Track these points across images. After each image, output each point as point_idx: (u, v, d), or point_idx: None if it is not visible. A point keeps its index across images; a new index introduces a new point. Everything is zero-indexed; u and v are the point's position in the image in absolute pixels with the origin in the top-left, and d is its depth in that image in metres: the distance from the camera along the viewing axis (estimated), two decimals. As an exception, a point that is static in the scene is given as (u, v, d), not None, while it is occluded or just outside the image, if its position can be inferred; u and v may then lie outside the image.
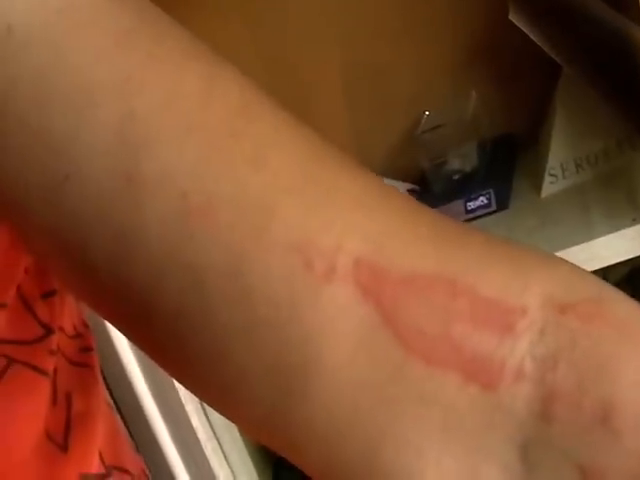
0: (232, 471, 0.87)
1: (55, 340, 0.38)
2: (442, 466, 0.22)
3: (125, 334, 0.27)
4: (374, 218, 0.23)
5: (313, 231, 0.22)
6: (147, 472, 0.53)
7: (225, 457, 0.87)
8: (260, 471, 0.97)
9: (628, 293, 0.22)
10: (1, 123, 0.23)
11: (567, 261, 0.23)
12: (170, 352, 0.25)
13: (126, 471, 0.46)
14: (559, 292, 0.22)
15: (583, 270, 0.23)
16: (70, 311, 0.41)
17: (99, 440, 0.42)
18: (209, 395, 0.26)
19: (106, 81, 0.23)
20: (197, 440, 0.85)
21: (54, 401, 0.38)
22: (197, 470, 0.86)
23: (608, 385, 0.20)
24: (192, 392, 0.27)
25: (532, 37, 0.78)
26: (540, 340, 0.21)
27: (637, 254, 0.76)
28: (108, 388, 0.84)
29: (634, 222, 0.76)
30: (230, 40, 0.99)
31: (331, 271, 0.22)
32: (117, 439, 0.46)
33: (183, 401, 0.85)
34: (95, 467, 0.41)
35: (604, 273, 0.88)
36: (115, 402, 0.85)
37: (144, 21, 0.24)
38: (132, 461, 0.49)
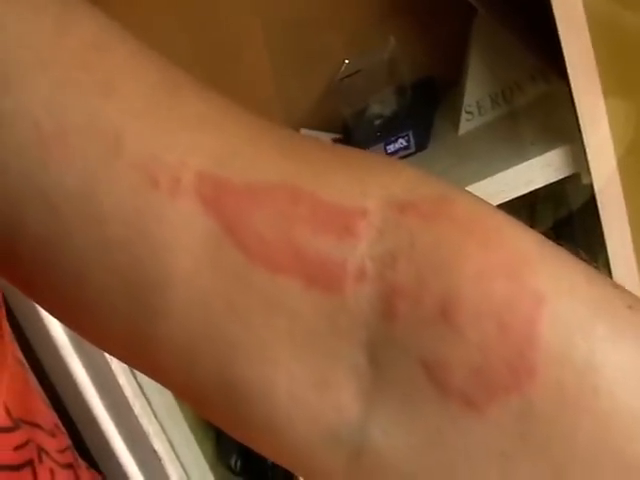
0: (162, 426, 0.87)
1: None
2: (293, 374, 0.22)
3: None
4: (218, 135, 0.23)
5: (158, 150, 0.22)
6: (61, 427, 0.53)
7: (154, 413, 0.86)
8: (194, 425, 0.97)
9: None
10: None
11: (410, 165, 0.23)
12: (35, 281, 0.25)
13: (36, 425, 0.46)
14: (400, 193, 0.22)
15: (428, 173, 0.23)
16: None
17: (4, 393, 0.41)
18: (75, 320, 0.26)
19: None
20: (125, 398, 0.84)
21: None
22: (127, 428, 0.85)
23: (448, 279, 0.20)
24: (61, 320, 0.27)
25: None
26: (379, 240, 0.21)
27: (549, 181, 0.76)
28: (33, 352, 0.83)
29: (547, 150, 0.76)
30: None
31: (175, 186, 0.22)
32: (27, 395, 0.46)
33: (109, 360, 0.84)
34: (1, 419, 0.40)
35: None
36: (41, 365, 0.84)
37: None
38: (44, 416, 0.48)
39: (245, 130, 0.24)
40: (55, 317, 0.27)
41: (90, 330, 0.25)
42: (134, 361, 0.25)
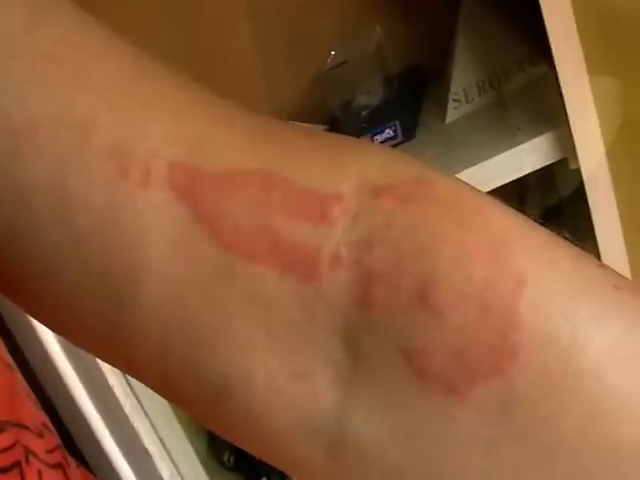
0: (152, 425, 0.86)
1: None
2: (270, 364, 0.21)
3: None
4: (192, 124, 0.23)
5: (129, 141, 0.22)
6: (50, 426, 0.52)
7: (145, 412, 0.86)
8: (185, 422, 0.96)
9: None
10: None
11: (389, 148, 0.23)
12: (9, 275, 0.24)
13: (24, 426, 0.45)
14: (376, 176, 0.21)
15: (405, 155, 0.22)
16: None
17: None
18: (50, 315, 0.25)
19: None
20: (115, 398, 0.83)
21: None
22: (118, 427, 0.85)
23: (426, 262, 0.20)
24: (36, 316, 0.26)
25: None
26: (354, 225, 0.20)
27: (537, 167, 0.76)
28: (21, 353, 0.83)
29: (535, 136, 0.76)
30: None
31: (146, 177, 0.22)
32: (12, 395, 0.45)
33: (99, 360, 0.83)
34: None
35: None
36: (27, 363, 0.83)
37: None
38: (31, 416, 0.48)
39: (219, 117, 0.23)
40: (30, 314, 0.26)
41: (65, 325, 0.25)
42: (110, 356, 0.25)
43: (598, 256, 0.76)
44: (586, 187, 0.72)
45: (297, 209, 0.21)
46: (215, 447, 1.09)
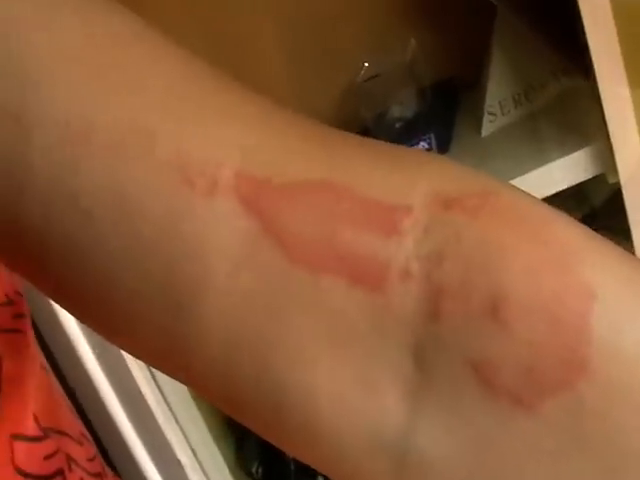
0: (185, 434, 0.86)
1: None
2: (335, 376, 0.21)
3: (23, 276, 0.27)
4: (252, 130, 0.22)
5: (192, 148, 0.22)
6: (87, 435, 0.52)
7: (177, 422, 0.86)
8: (217, 433, 0.96)
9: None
10: None
11: (451, 160, 0.22)
12: (66, 286, 0.24)
13: (65, 434, 0.45)
14: (444, 188, 0.21)
15: (470, 167, 0.22)
16: (1, 279, 0.40)
17: (32, 402, 0.41)
18: (106, 327, 0.25)
19: None
20: (147, 407, 0.83)
21: None
22: (150, 437, 0.85)
23: (496, 275, 0.20)
24: (94, 328, 0.26)
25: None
26: (425, 237, 0.20)
27: (574, 182, 0.75)
28: (52, 357, 0.83)
29: (572, 150, 0.75)
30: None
31: (211, 186, 0.21)
32: (54, 402, 0.46)
33: (131, 368, 0.83)
34: (30, 429, 0.40)
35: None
36: (60, 371, 0.84)
37: None
38: (70, 424, 0.48)
39: (280, 125, 0.23)
40: (86, 324, 0.26)
41: (122, 334, 0.25)
42: (166, 366, 0.25)
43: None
44: (626, 203, 0.71)
45: (365, 220, 0.21)
46: (243, 458, 1.09)
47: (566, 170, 0.75)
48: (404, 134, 0.92)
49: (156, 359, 0.25)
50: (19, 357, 0.41)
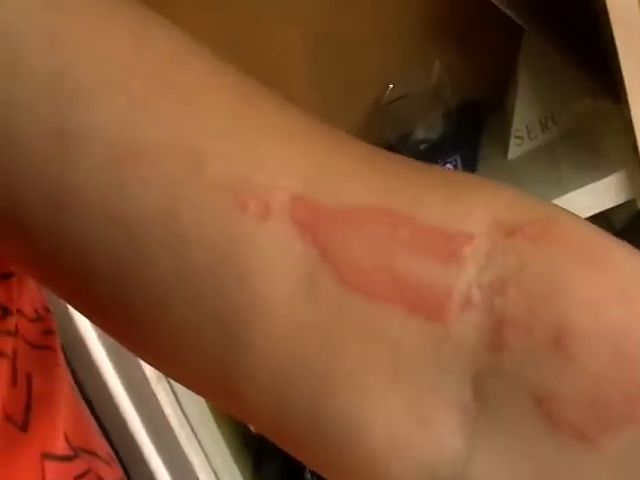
0: (206, 456, 0.85)
1: (13, 322, 0.37)
2: (391, 406, 0.20)
3: (65, 298, 0.26)
4: (306, 154, 0.22)
5: (246, 170, 0.21)
6: (113, 455, 0.52)
7: (199, 443, 0.85)
8: (237, 454, 0.96)
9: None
10: None
11: (508, 186, 0.22)
12: (110, 311, 0.24)
13: (94, 454, 0.45)
14: (504, 215, 0.20)
15: (527, 193, 0.22)
16: (30, 295, 0.40)
17: (62, 421, 0.41)
18: (153, 353, 0.25)
19: (33, 38, 0.22)
20: (170, 428, 0.83)
21: (14, 383, 0.37)
22: (172, 458, 0.84)
23: (560, 306, 0.19)
24: (135, 352, 0.26)
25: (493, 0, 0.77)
26: (487, 266, 0.20)
27: (604, 208, 0.75)
28: (75, 377, 0.83)
29: (601, 175, 0.75)
30: (192, 11, 0.97)
31: (266, 210, 0.21)
32: (83, 422, 0.45)
33: (155, 391, 0.83)
34: (60, 448, 0.40)
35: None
36: (83, 390, 0.83)
37: None
38: (98, 444, 0.48)
39: (333, 147, 0.23)
40: (129, 348, 0.25)
41: (170, 363, 0.24)
42: (217, 396, 0.24)
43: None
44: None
45: (423, 247, 0.20)
46: (261, 478, 1.08)
47: (595, 196, 0.75)
48: (429, 156, 0.92)
49: (205, 387, 0.24)
50: (49, 375, 0.40)
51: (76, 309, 0.26)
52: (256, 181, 0.21)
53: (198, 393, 0.25)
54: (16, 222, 0.23)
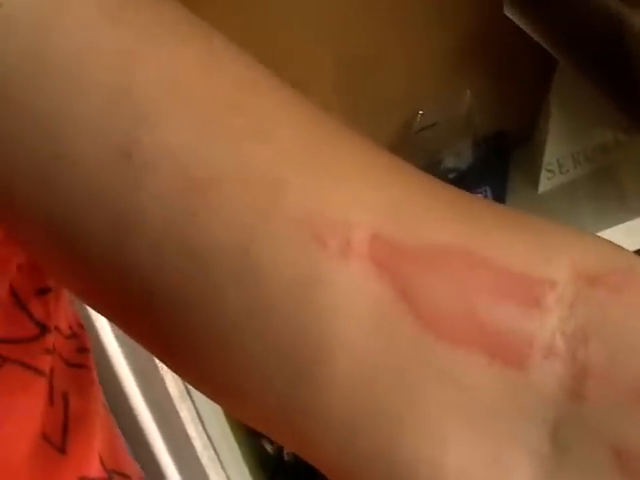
0: (228, 478, 0.85)
1: (51, 339, 0.36)
2: (465, 454, 0.20)
3: (122, 327, 0.25)
4: (385, 190, 0.21)
5: (323, 205, 0.21)
6: (144, 477, 0.52)
7: (222, 466, 0.85)
8: (255, 474, 0.96)
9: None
10: None
11: (592, 234, 0.22)
12: (173, 343, 0.23)
13: (127, 476, 0.45)
14: (586, 263, 0.20)
15: (608, 240, 0.22)
16: (65, 310, 0.40)
17: (98, 442, 0.40)
18: (214, 387, 0.24)
19: (100, 55, 0.21)
20: (193, 449, 0.83)
21: (50, 402, 0.37)
22: (191, 475, 0.84)
23: None
24: (195, 385, 0.25)
25: (526, 30, 0.78)
26: (570, 314, 0.20)
27: (636, 248, 0.75)
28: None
29: (635, 214, 0.75)
30: (220, 32, 0.97)
31: (344, 247, 0.20)
32: (115, 443, 0.45)
33: (178, 409, 0.83)
34: (95, 470, 0.40)
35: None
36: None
37: None
38: (131, 466, 0.47)
39: (409, 183, 0.22)
40: (186, 378, 0.25)
41: (231, 398, 0.23)
42: (277, 431, 0.23)
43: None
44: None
45: (506, 292, 0.20)
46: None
47: (628, 234, 0.75)
48: (457, 185, 0.92)
49: (266, 423, 0.23)
50: (85, 394, 0.40)
51: (131, 336, 0.26)
52: (334, 217, 0.21)
53: (257, 427, 0.25)
54: (74, 246, 0.22)
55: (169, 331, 0.23)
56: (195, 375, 0.24)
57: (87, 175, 0.21)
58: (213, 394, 0.24)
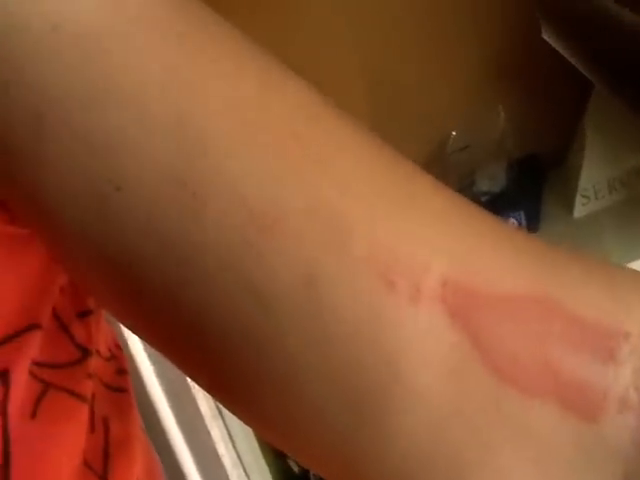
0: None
1: (92, 363, 0.36)
2: None
3: (174, 361, 0.25)
4: (458, 234, 0.21)
5: (393, 247, 0.20)
6: None
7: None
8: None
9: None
10: (41, 126, 0.21)
11: None
12: (232, 381, 0.22)
13: None
14: None
15: None
16: (104, 332, 0.40)
17: (138, 467, 0.40)
18: (271, 425, 0.23)
19: (159, 83, 0.21)
20: (223, 468, 0.83)
21: (92, 428, 0.36)
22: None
23: None
24: (249, 422, 0.24)
25: (563, 54, 0.77)
26: None
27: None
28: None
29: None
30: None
31: (416, 292, 0.20)
32: (153, 466, 0.45)
33: (209, 428, 0.83)
34: None
35: None
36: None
37: (199, 23, 0.22)
38: None
39: (484, 230, 0.22)
40: (243, 418, 0.24)
41: (288, 436, 0.23)
42: (334, 473, 0.23)
43: None
44: None
45: (580, 343, 0.20)
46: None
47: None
48: (490, 208, 0.91)
49: (324, 465, 0.23)
50: (125, 418, 0.40)
51: (184, 370, 0.25)
52: (405, 259, 0.20)
53: (312, 468, 0.24)
54: (128, 277, 0.22)
55: (226, 369, 0.22)
56: (253, 413, 0.24)
57: (143, 203, 0.21)
58: (269, 433, 0.24)
